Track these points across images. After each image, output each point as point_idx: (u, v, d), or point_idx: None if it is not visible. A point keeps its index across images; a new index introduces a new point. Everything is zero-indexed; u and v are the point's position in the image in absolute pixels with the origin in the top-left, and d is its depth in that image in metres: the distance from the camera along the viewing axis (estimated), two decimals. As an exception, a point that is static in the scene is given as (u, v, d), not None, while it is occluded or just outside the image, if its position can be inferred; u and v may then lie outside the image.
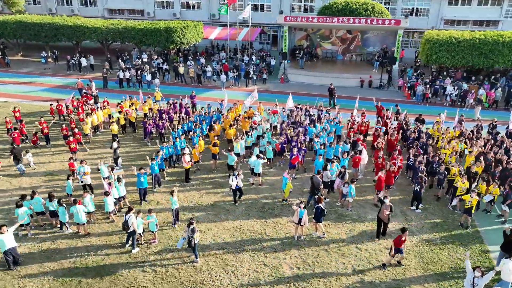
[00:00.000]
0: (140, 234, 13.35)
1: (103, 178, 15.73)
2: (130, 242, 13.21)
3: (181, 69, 33.74)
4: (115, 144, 18.57)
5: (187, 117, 23.41)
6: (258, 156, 16.97)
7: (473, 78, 31.05)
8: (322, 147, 17.89)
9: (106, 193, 14.62)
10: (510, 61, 28.87)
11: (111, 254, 13.02)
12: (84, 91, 27.91)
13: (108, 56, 38.24)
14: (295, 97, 25.68)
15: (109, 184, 15.30)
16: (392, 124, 20.63)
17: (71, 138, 19.20)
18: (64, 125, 21.02)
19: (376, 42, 38.19)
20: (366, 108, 23.74)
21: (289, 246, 13.42)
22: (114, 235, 13.97)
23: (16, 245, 12.32)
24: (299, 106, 23.37)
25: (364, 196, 16.38)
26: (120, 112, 22.79)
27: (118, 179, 15.37)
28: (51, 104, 24.52)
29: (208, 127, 21.14)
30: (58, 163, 19.34)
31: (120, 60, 35.33)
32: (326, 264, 12.54)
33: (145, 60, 37.61)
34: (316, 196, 13.60)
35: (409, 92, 30.09)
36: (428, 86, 28.33)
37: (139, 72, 32.24)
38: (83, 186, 16.23)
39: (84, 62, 36.52)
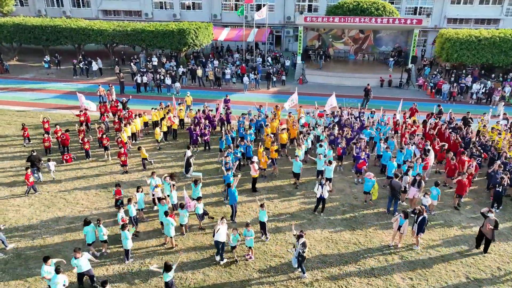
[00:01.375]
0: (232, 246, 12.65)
1: (167, 195, 14.89)
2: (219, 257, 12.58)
3: (199, 72, 32.76)
4: (188, 152, 17.84)
5: (228, 124, 22.63)
6: (330, 162, 16.51)
7: (493, 75, 31.70)
8: (388, 149, 17.61)
9: (182, 205, 13.82)
10: (529, 59, 29.68)
11: (209, 274, 12.22)
12: (102, 100, 26.47)
13: (116, 59, 36.69)
14: (315, 98, 25.59)
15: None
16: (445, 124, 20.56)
17: (122, 150, 18.02)
18: (104, 135, 19.89)
19: (388, 41, 38.45)
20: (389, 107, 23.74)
21: (390, 255, 13.05)
22: (203, 251, 13.16)
23: (90, 268, 11.55)
24: (342, 108, 23.05)
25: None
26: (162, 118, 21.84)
27: (195, 182, 14.99)
28: (80, 111, 23.13)
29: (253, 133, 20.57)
30: (108, 175, 18.18)
31: (132, 64, 33.89)
32: (437, 272, 12.25)
33: (155, 63, 36.33)
34: (419, 208, 13.23)
35: (432, 91, 30.38)
36: (455, 84, 28.65)
37: (157, 76, 31.02)
38: (153, 200, 15.29)
39: (94, 66, 34.83)
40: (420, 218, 12.98)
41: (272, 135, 19.52)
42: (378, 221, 14.83)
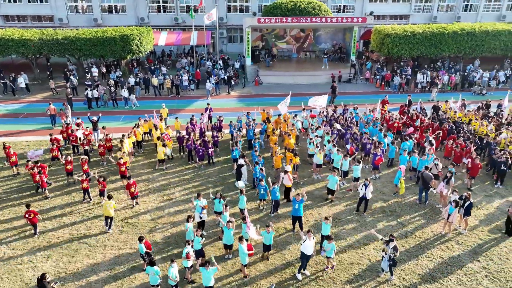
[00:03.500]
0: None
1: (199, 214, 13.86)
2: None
3: (154, 81, 30.51)
4: (241, 161, 17.02)
5: (220, 132, 21.63)
6: (359, 162, 16.95)
7: (432, 65, 35.66)
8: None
9: (244, 219, 13.00)
10: (453, 49, 34.01)
11: (302, 296, 11.66)
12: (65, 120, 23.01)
13: (49, 72, 32.12)
14: (276, 99, 26.19)
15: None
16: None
17: (130, 180, 15.85)
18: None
19: (327, 39, 40.52)
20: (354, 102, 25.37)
21: (447, 242, 13.95)
22: (280, 272, 12.47)
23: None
24: (332, 107, 23.71)
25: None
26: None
27: (241, 191, 14.56)
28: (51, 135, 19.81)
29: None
30: (122, 211, 15.95)
31: (72, 77, 30.04)
32: (495, 251, 13.49)
33: (95, 74, 32.77)
34: (466, 193, 14.37)
35: (382, 83, 32.99)
36: (404, 76, 31.54)
37: (112, 88, 28.04)
38: (198, 224, 13.90)
39: (21, 82, 29.94)
40: (467, 203, 14.14)
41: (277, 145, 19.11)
42: (417, 212, 15.72)
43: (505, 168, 17.16)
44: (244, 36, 37.13)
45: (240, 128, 21.35)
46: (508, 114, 23.18)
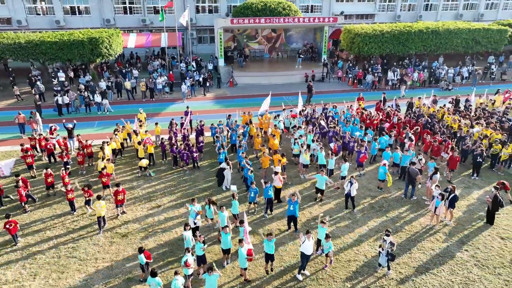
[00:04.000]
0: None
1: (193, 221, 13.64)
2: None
3: (127, 84, 29.64)
4: (224, 165, 17.07)
5: (202, 135, 21.30)
6: (345, 160, 17.27)
7: (400, 63, 36.85)
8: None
9: (241, 222, 12.88)
10: (419, 47, 35.38)
11: (305, 296, 11.72)
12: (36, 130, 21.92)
13: (11, 78, 30.43)
14: (252, 100, 26.27)
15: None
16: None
17: (120, 188, 15.34)
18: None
19: (298, 39, 40.97)
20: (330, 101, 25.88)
21: (436, 234, 14.49)
22: (280, 276, 12.48)
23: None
24: (311, 106, 23.96)
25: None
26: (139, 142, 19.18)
27: (233, 196, 14.53)
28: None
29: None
30: (111, 221, 15.37)
31: (39, 83, 28.63)
32: (480, 239, 14.16)
33: (62, 79, 31.41)
34: (451, 186, 14.97)
35: (355, 81, 33.77)
36: (376, 74, 32.43)
37: (85, 93, 26.97)
38: (193, 229, 13.61)
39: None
40: (452, 195, 14.75)
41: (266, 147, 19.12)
42: (404, 206, 16.21)
43: (480, 160, 18.04)
44: (216, 37, 36.82)
45: (222, 131, 21.10)
46: (476, 109, 24.37)
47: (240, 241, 11.71)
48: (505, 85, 32.83)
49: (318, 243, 13.33)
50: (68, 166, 17.92)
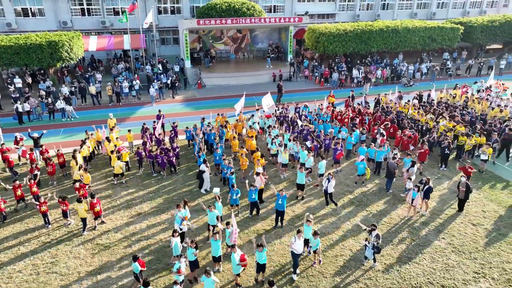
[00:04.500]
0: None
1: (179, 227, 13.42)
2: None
3: (92, 89, 28.56)
4: (203, 167, 16.77)
5: (176, 138, 21.00)
6: (322, 157, 17.64)
7: (363, 61, 37.99)
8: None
9: (227, 223, 12.85)
10: (381, 45, 36.71)
11: (297, 294, 11.88)
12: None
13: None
14: (222, 101, 26.68)
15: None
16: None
17: (94, 199, 14.81)
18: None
19: (263, 39, 41.20)
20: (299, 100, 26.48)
21: (413, 224, 15.15)
22: (274, 276, 12.56)
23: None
24: (284, 106, 24.20)
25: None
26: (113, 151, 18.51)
27: (217, 198, 14.41)
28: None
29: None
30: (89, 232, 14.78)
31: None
32: (454, 227, 14.96)
33: (19, 85, 29.77)
34: (426, 178, 15.67)
35: (321, 80, 34.48)
36: (342, 72, 33.28)
37: (48, 99, 25.70)
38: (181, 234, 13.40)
39: None
40: (426, 187, 15.48)
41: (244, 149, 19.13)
42: (381, 200, 16.81)
43: (448, 152, 19.04)
44: (181, 39, 36.30)
45: (197, 133, 20.84)
46: (438, 104, 25.64)
47: (233, 246, 11.65)
48: (460, 79, 34.80)
49: (306, 242, 13.52)
50: (36, 174, 16.89)
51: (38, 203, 14.50)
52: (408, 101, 25.78)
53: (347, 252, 13.63)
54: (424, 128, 21.72)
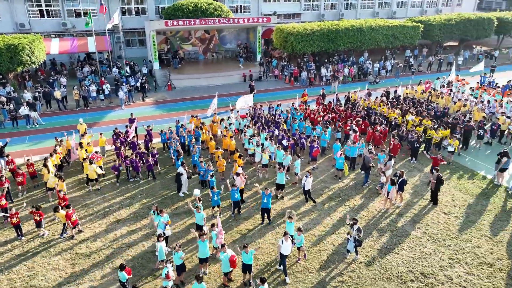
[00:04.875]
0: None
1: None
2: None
3: (57, 94, 27.52)
4: (181, 169, 16.58)
5: (151, 142, 20.63)
6: (298, 156, 17.96)
7: (330, 60, 38.78)
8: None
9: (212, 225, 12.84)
10: (347, 44, 37.66)
11: (285, 291, 12.06)
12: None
13: None
14: (193, 102, 27.27)
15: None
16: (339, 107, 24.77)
17: (70, 210, 14.30)
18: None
19: (232, 39, 41.18)
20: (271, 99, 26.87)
21: (390, 216, 15.73)
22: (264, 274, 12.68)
23: None
24: (258, 106, 24.34)
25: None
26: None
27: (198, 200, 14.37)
28: None
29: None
30: (62, 243, 14.28)
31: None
32: (428, 216, 15.67)
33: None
34: (400, 171, 16.28)
35: (291, 79, 34.94)
36: (311, 71, 33.87)
37: (10, 106, 24.52)
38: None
39: None
40: (400, 180, 16.12)
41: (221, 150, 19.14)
42: (358, 194, 17.33)
43: (417, 146, 19.87)
44: (148, 40, 35.64)
45: (173, 137, 20.60)
46: (405, 99, 26.66)
47: (222, 246, 11.65)
48: (423, 75, 36.32)
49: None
50: (5, 187, 16.12)
51: (8, 215, 13.83)
52: (377, 97, 26.66)
53: (329, 247, 13.97)
54: (393, 123, 22.54)
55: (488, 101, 25.47)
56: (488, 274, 12.67)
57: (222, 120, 22.48)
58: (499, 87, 29.79)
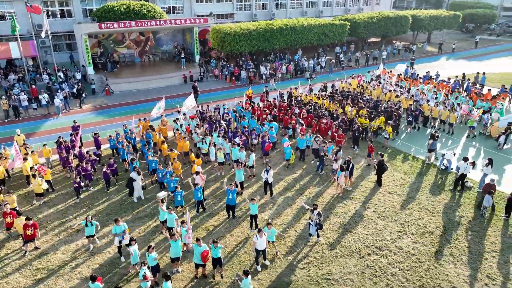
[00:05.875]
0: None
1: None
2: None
3: (-16, 105, 25.36)
4: (134, 175, 16.24)
5: (98, 149, 20.03)
6: (252, 151, 18.74)
7: (267, 58, 39.99)
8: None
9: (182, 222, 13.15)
10: (282, 43, 39.19)
11: (260, 277, 12.69)
12: None
13: None
14: (134, 107, 27.44)
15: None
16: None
17: (30, 222, 13.60)
18: None
19: (168, 41, 40.71)
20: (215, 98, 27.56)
21: (344, 200, 17.09)
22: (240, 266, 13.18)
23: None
24: (205, 106, 24.60)
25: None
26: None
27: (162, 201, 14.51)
28: None
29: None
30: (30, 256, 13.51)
31: None
32: (377, 199, 17.29)
33: None
34: (348, 158, 17.67)
35: (232, 78, 35.58)
36: (251, 70, 34.76)
37: None
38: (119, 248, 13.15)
39: None
40: (351, 165, 17.57)
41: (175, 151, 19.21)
42: (312, 183, 18.50)
43: (358, 134, 21.64)
44: (80, 44, 34.00)
45: (123, 141, 20.18)
46: (341, 92, 28.63)
47: (198, 240, 11.94)
48: (353, 70, 39.05)
49: (252, 219, 14.62)
50: None
51: None
52: (318, 91, 28.30)
53: (292, 233, 14.86)
54: (334, 115, 24.19)
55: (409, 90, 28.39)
56: (430, 241, 14.43)
57: (175, 120, 22.39)
58: (420, 77, 33.14)
